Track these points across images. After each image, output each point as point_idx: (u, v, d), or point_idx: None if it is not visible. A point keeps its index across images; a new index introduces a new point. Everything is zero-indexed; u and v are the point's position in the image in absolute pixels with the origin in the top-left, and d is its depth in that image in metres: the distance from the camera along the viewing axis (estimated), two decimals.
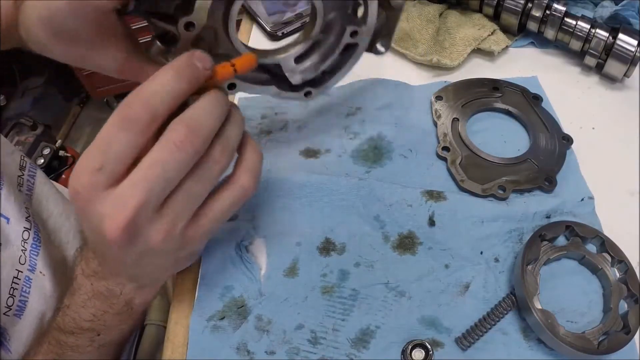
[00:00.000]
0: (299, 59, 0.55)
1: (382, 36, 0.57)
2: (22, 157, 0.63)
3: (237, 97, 0.72)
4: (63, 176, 1.80)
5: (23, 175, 0.62)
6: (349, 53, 0.56)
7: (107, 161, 0.35)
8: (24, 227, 0.57)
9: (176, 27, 0.42)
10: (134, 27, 0.48)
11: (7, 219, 0.55)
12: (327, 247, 0.55)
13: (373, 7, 0.53)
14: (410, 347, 0.48)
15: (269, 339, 0.49)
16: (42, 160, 1.73)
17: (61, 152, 1.82)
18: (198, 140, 0.37)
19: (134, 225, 0.36)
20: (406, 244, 0.55)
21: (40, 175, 0.64)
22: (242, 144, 0.43)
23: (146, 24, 0.45)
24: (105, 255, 0.44)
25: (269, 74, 0.55)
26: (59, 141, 1.86)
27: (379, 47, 0.58)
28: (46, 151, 1.76)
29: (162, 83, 0.37)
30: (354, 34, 0.54)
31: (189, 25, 0.42)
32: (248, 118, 0.68)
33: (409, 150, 0.62)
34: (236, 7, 0.47)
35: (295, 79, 0.55)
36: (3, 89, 2.06)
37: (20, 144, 1.75)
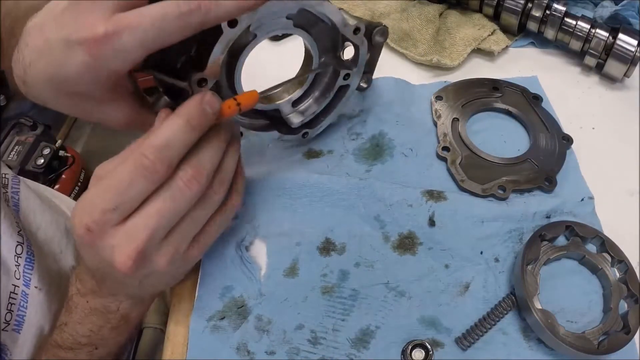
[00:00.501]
0: (295, 103, 0.59)
1: (365, 73, 0.61)
2: (3, 175, 0.63)
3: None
4: (63, 176, 1.80)
5: (7, 192, 0.62)
6: (340, 94, 0.60)
7: (122, 203, 0.38)
8: (17, 242, 0.57)
9: (188, 84, 0.43)
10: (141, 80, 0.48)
11: None
12: (327, 247, 0.55)
13: (363, 50, 0.56)
14: (410, 347, 0.48)
15: (269, 339, 0.49)
16: (42, 160, 1.73)
17: (61, 152, 1.81)
18: (202, 179, 0.40)
19: (143, 254, 0.39)
20: (406, 244, 0.55)
21: (24, 189, 0.63)
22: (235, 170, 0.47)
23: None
24: (107, 278, 0.46)
25: (267, 118, 0.59)
26: (59, 141, 1.86)
27: (362, 84, 0.62)
28: (46, 151, 1.76)
29: (174, 133, 0.38)
30: (347, 76, 0.58)
31: (202, 82, 0.43)
32: None
33: (410, 149, 0.62)
34: (243, 59, 0.50)
35: (294, 123, 0.59)
36: (3, 89, 2.06)
37: (20, 144, 1.75)
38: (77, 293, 0.48)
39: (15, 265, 0.56)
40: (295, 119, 0.59)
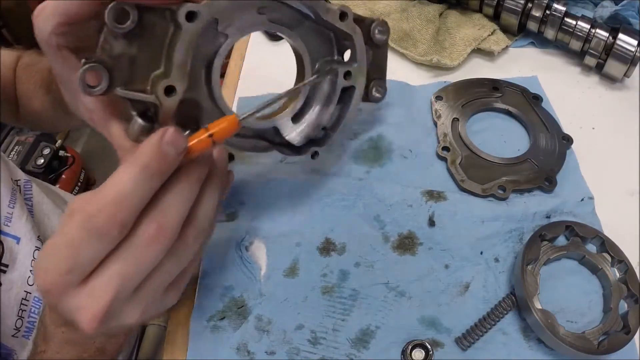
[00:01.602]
0: (296, 117, 0.52)
1: (375, 79, 0.55)
2: (16, 183, 0.62)
3: (237, 96, 0.72)
4: (63, 176, 1.80)
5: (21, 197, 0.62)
6: (346, 100, 0.53)
7: (76, 265, 0.34)
8: (36, 247, 0.56)
9: (155, 95, 0.39)
10: None
11: (18, 239, 0.55)
12: (327, 247, 0.55)
13: (359, 40, 0.50)
14: (410, 347, 0.48)
15: (269, 339, 0.49)
16: (42, 160, 1.73)
17: (61, 152, 1.81)
18: (168, 234, 0.35)
19: (109, 313, 0.35)
20: (406, 244, 0.54)
21: (37, 193, 0.63)
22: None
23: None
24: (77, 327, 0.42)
25: (264, 139, 0.51)
26: (59, 141, 1.86)
27: (375, 93, 0.56)
28: (46, 151, 1.76)
29: (128, 185, 0.33)
30: (347, 74, 0.51)
31: (170, 90, 0.40)
32: None
33: (409, 150, 0.62)
34: (218, 64, 0.44)
35: (297, 140, 0.51)
36: None
37: (20, 144, 1.75)
38: (51, 323, 0.44)
39: (31, 270, 0.55)
40: (299, 137, 0.51)
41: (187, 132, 0.36)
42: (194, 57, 0.41)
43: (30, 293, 0.55)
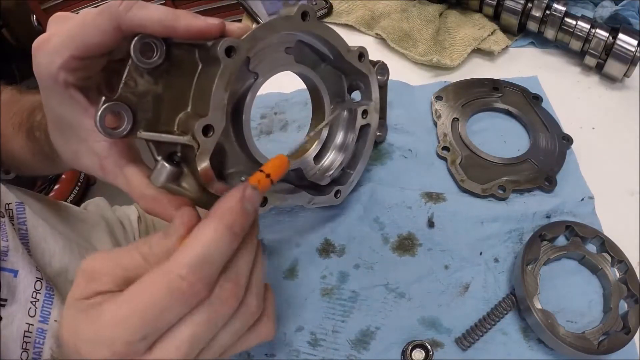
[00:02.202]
0: (316, 158, 0.52)
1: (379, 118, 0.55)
2: (7, 207, 0.59)
3: None
4: (63, 176, 1.80)
5: (14, 224, 0.58)
6: (362, 137, 0.54)
7: (152, 332, 0.31)
8: (36, 278, 0.54)
9: (191, 136, 0.36)
10: None
11: (15, 272, 0.53)
12: (326, 249, 0.55)
13: (374, 79, 0.52)
14: (410, 347, 0.48)
15: (268, 342, 0.49)
16: None
17: None
18: (241, 292, 0.34)
19: None
20: (406, 245, 0.54)
21: (30, 217, 0.59)
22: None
23: None
24: None
25: (289, 182, 0.51)
26: None
27: (377, 133, 0.56)
28: None
29: (214, 244, 0.31)
30: (364, 113, 0.53)
31: (208, 130, 0.36)
32: None
33: (409, 150, 0.62)
34: (250, 104, 0.43)
35: (324, 180, 0.52)
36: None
37: None
38: None
39: (32, 301, 0.53)
40: (323, 177, 0.52)
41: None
42: None
43: (32, 325, 0.53)
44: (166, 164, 0.37)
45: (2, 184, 0.59)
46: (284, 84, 0.64)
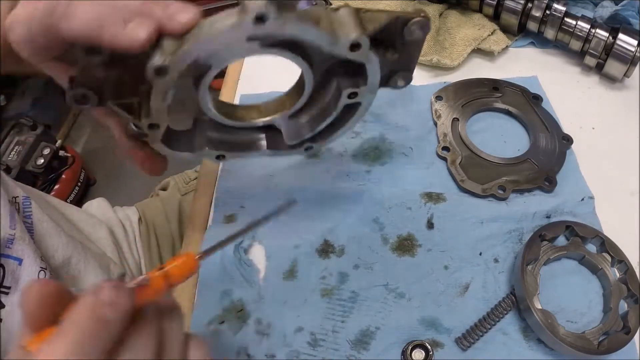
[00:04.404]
0: (293, 116, 0.49)
1: (402, 70, 0.47)
2: (14, 200, 0.60)
3: (239, 94, 0.71)
4: (63, 176, 1.80)
5: (19, 215, 0.59)
6: (350, 111, 0.48)
7: None
8: (40, 267, 0.55)
9: (141, 128, 0.41)
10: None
11: (20, 260, 0.53)
12: (326, 250, 0.55)
13: (373, 68, 0.43)
14: (410, 347, 0.48)
15: (268, 343, 0.49)
16: (42, 160, 1.73)
17: (61, 152, 1.81)
18: None
19: None
20: (405, 245, 0.54)
21: (36, 212, 0.61)
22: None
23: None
24: None
25: (261, 131, 0.50)
26: (59, 141, 1.86)
27: (399, 81, 0.49)
28: (46, 151, 1.75)
29: None
30: (352, 95, 0.45)
31: (153, 127, 0.41)
32: None
33: (410, 149, 0.62)
34: (205, 86, 0.42)
35: (292, 140, 0.49)
36: (3, 89, 2.06)
37: (20, 144, 1.75)
38: None
39: None
40: (295, 136, 0.49)
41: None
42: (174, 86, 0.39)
43: None
44: (134, 126, 0.44)
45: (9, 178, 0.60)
46: (284, 84, 0.64)
